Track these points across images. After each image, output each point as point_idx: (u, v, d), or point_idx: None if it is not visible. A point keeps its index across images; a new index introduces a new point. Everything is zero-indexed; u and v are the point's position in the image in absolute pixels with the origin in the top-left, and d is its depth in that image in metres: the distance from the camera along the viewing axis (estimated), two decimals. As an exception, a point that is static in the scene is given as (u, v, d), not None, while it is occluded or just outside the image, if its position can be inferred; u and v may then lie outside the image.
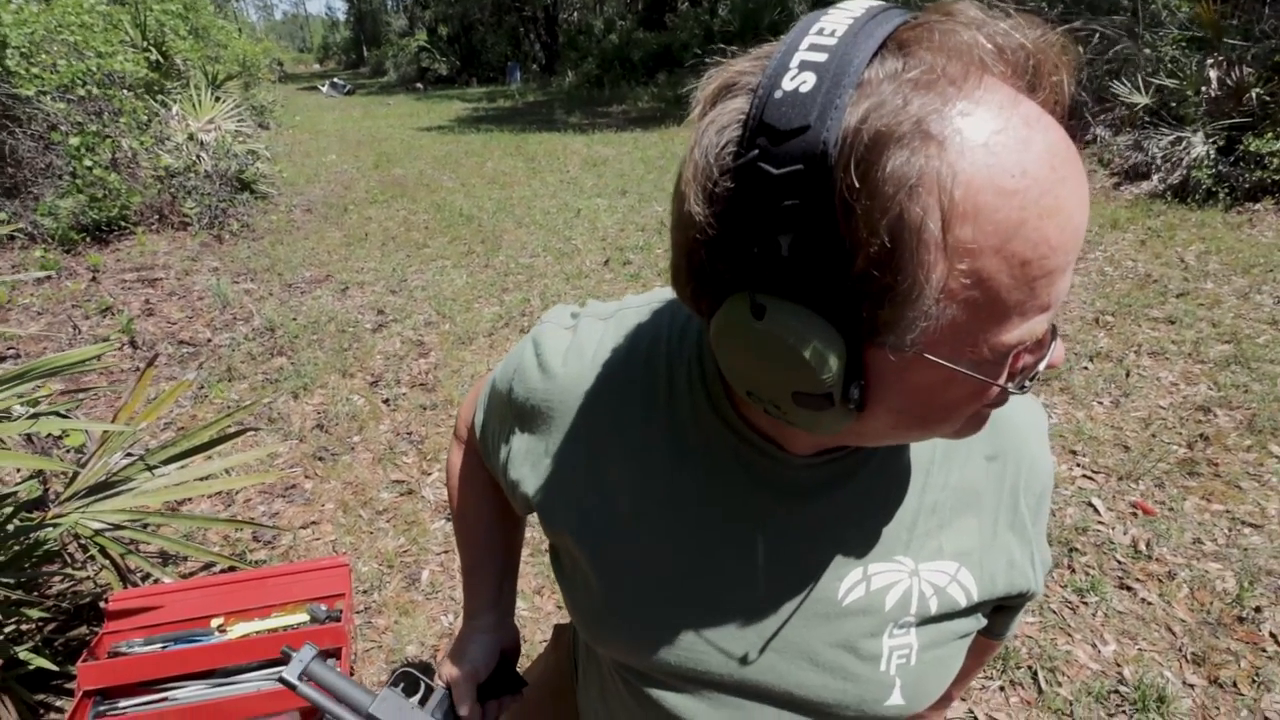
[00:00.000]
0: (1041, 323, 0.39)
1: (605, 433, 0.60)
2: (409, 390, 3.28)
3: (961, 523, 0.58)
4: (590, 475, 0.60)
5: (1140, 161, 5.51)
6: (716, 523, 0.58)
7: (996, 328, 0.38)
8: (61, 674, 1.74)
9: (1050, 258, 0.37)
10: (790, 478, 0.56)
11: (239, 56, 10.29)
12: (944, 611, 0.58)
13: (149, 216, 5.21)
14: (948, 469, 0.58)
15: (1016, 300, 0.37)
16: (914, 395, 0.43)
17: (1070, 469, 2.57)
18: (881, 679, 0.58)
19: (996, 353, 0.40)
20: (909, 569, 0.57)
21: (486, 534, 0.83)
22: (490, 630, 0.82)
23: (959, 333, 0.38)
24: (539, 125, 10.95)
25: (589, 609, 0.63)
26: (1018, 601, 0.65)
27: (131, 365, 3.46)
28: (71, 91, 5.06)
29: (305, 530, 2.41)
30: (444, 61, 21.80)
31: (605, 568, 0.61)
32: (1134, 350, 3.33)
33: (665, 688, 0.62)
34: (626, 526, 0.60)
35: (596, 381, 0.60)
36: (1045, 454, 0.62)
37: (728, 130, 0.38)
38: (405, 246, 5.30)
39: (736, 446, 0.56)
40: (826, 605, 0.57)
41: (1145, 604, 2.02)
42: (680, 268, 0.44)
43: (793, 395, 0.42)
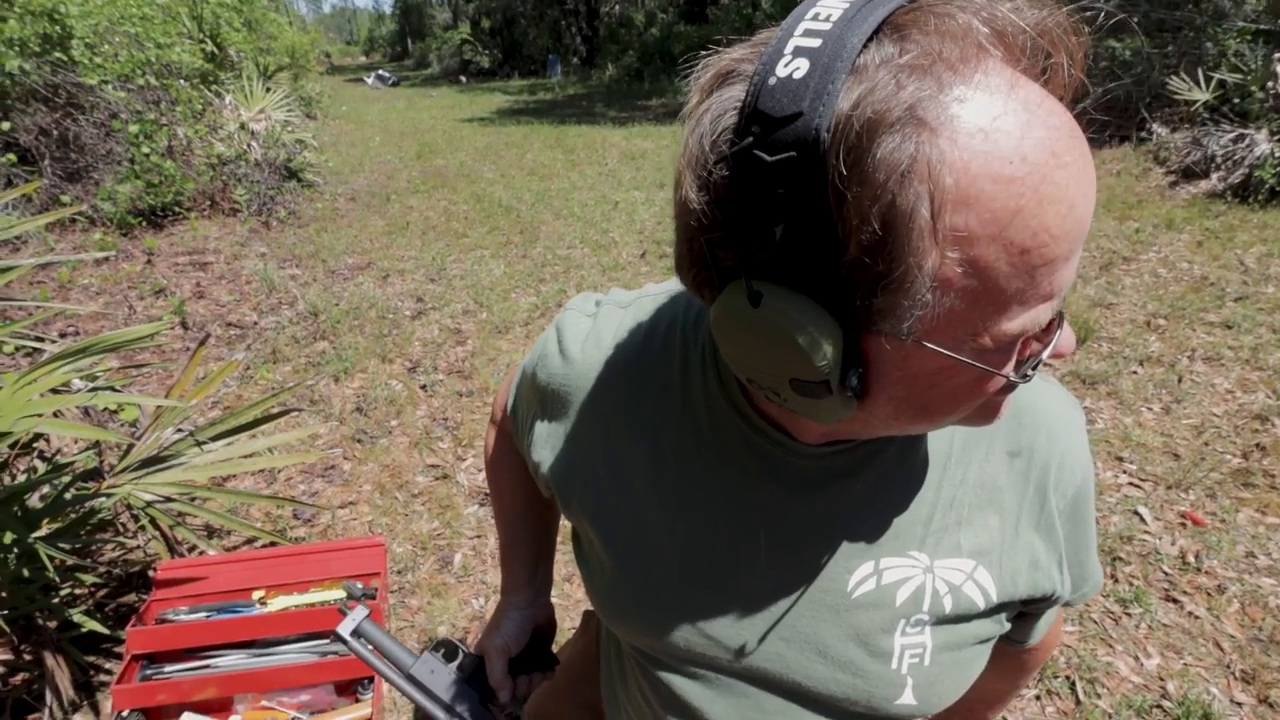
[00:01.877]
0: (1045, 311, 0.39)
1: (621, 418, 0.61)
2: (446, 377, 3.33)
3: (981, 520, 0.57)
4: (606, 460, 0.62)
5: (1199, 160, 5.30)
6: (726, 509, 0.58)
7: (997, 316, 0.38)
8: (111, 638, 1.82)
9: (1050, 246, 0.36)
10: (800, 467, 0.56)
11: (289, 48, 10.54)
12: (960, 612, 0.57)
13: (201, 202, 5.38)
14: (966, 464, 0.57)
15: (1017, 289, 0.37)
16: (914, 383, 0.42)
17: (1116, 476, 2.50)
18: (892, 677, 0.57)
19: (999, 342, 0.39)
20: (923, 565, 0.56)
21: (521, 514, 0.85)
22: (524, 607, 0.83)
23: (958, 321, 0.38)
24: (578, 118, 10.98)
25: (604, 591, 0.64)
26: (1041, 607, 0.62)
27: (182, 345, 3.58)
28: (131, 81, 5.24)
29: (343, 510, 2.46)
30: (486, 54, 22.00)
31: (618, 550, 0.62)
32: (1187, 355, 3.21)
33: (676, 672, 0.63)
34: (639, 510, 0.60)
35: (613, 368, 0.61)
36: (1079, 451, 0.59)
37: (724, 118, 0.38)
38: (445, 236, 5.37)
39: (746, 434, 0.56)
40: (835, 597, 0.57)
41: (1192, 617, 1.95)
42: (682, 255, 0.44)
43: (790, 382, 0.42)
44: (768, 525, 0.57)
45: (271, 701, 1.60)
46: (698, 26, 17.01)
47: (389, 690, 1.80)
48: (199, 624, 1.60)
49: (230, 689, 1.56)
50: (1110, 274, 4.10)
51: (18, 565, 1.54)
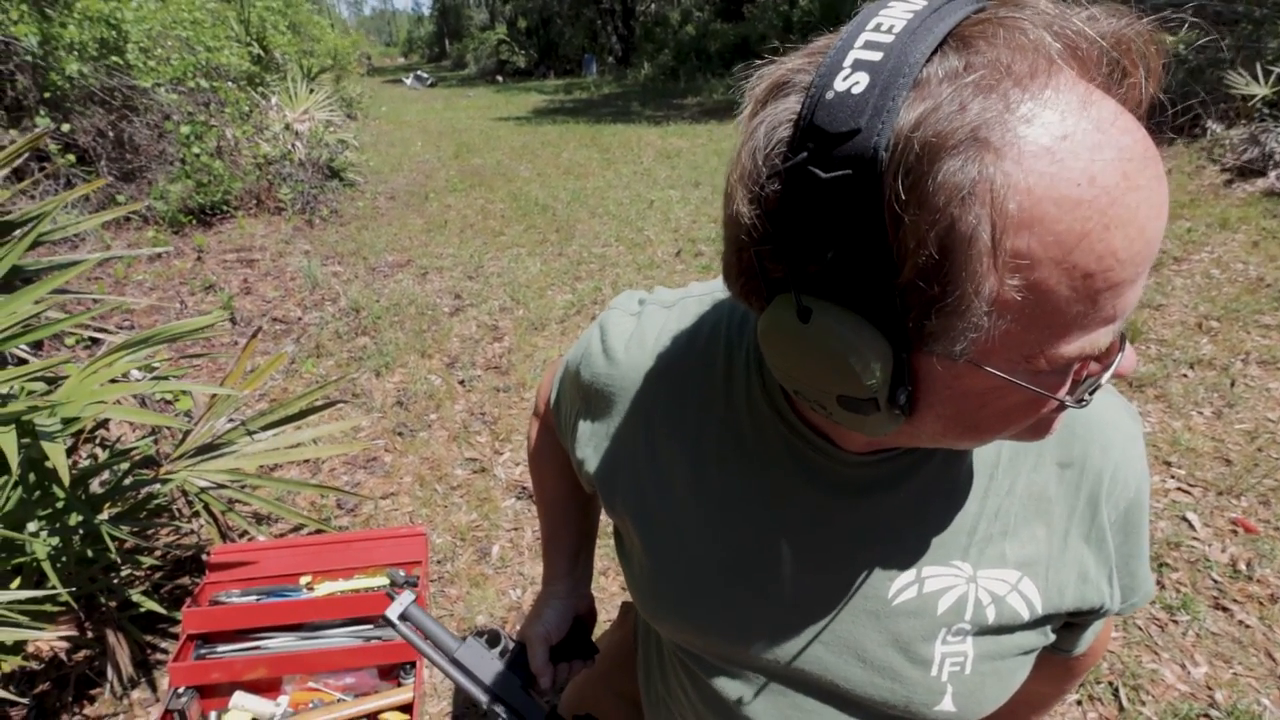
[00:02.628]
0: (1105, 335, 0.37)
1: (663, 419, 0.61)
2: (483, 372, 3.39)
3: (1028, 531, 0.56)
4: (648, 460, 0.62)
5: (1256, 157, 5.10)
6: (767, 513, 0.58)
7: (1055, 340, 0.37)
8: (167, 618, 1.89)
9: (1115, 270, 0.34)
10: (843, 475, 0.55)
11: (331, 50, 10.77)
12: (1004, 623, 0.56)
13: (248, 201, 5.53)
14: (1014, 474, 0.56)
15: (1077, 313, 0.36)
16: (965, 403, 0.41)
17: (1164, 480, 2.43)
18: (931, 684, 0.57)
19: (1055, 365, 0.38)
20: (966, 575, 0.55)
21: (563, 507, 0.86)
22: (564, 597, 0.85)
23: (1013, 344, 0.37)
24: (614, 117, 11.02)
25: (645, 589, 0.65)
26: (1089, 619, 0.61)
27: (230, 339, 3.69)
28: (183, 83, 5.42)
29: (385, 501, 2.52)
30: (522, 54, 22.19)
31: (659, 550, 0.62)
32: (1241, 358, 3.10)
33: (716, 671, 0.63)
34: (680, 511, 0.60)
35: (657, 369, 0.61)
36: (1135, 464, 0.57)
37: (778, 131, 0.37)
38: (482, 234, 5.44)
39: (789, 439, 0.56)
40: (876, 604, 0.56)
41: (1243, 626, 1.89)
42: (731, 264, 0.44)
43: (838, 398, 0.42)
44: (809, 530, 0.57)
45: (318, 683, 1.65)
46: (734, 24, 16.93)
47: (430, 675, 1.84)
48: (250, 606, 1.66)
49: (279, 670, 1.61)
50: (1160, 274, 3.99)
51: (82, 546, 1.62)
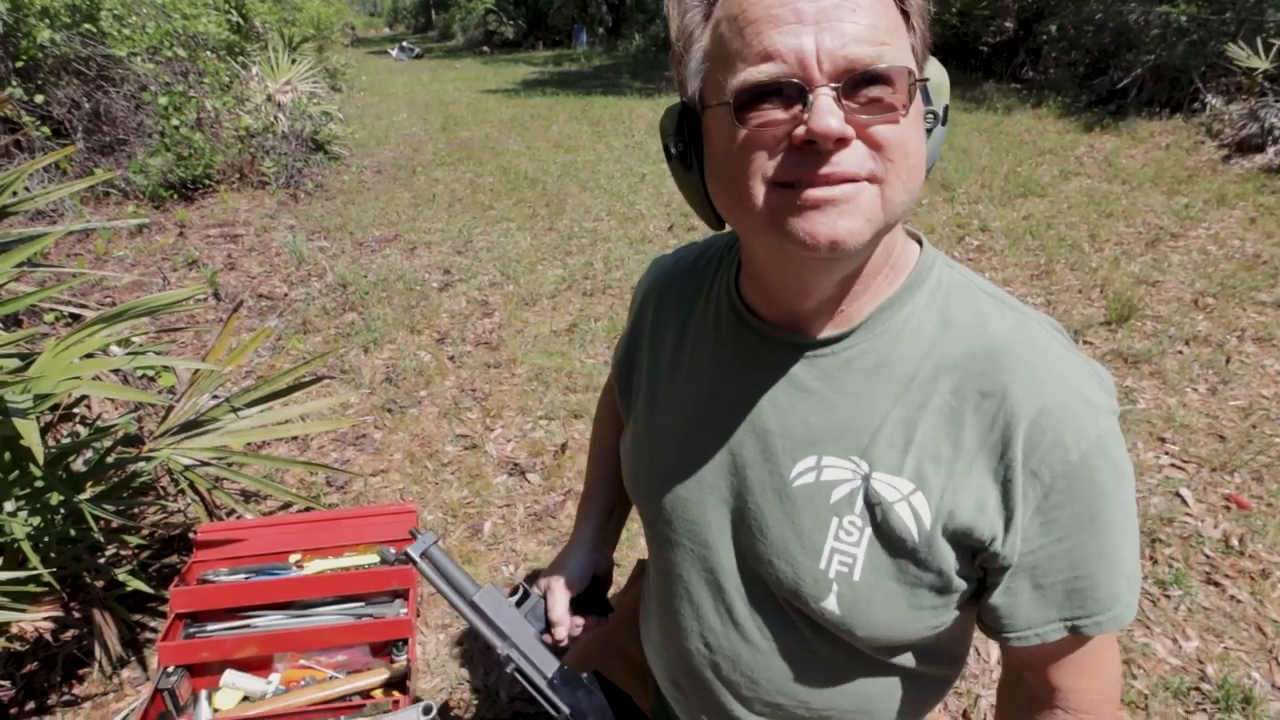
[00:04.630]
0: (767, 68, 0.48)
1: (668, 312, 0.74)
2: (473, 348, 3.34)
3: (931, 450, 0.56)
4: (650, 348, 0.75)
5: (1255, 133, 5.08)
6: (714, 387, 0.67)
7: (728, 72, 0.50)
8: (155, 597, 1.86)
9: (750, 9, 0.48)
10: (770, 356, 0.63)
11: (313, 19, 10.51)
12: (893, 531, 0.57)
13: (230, 175, 5.41)
14: (930, 391, 0.57)
15: (736, 49, 0.49)
16: (714, 151, 0.54)
17: (1157, 457, 2.44)
18: (819, 576, 0.60)
19: (734, 94, 0.49)
20: (862, 472, 0.58)
21: (610, 457, 0.91)
22: (589, 548, 0.88)
23: (712, 83, 0.53)
24: (604, 89, 10.84)
25: (628, 461, 0.76)
26: (991, 569, 0.57)
27: (215, 316, 3.63)
28: (159, 53, 5.25)
29: (375, 478, 2.49)
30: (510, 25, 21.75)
31: (641, 423, 0.74)
32: (1236, 335, 3.11)
33: (666, 544, 0.71)
34: (663, 388, 0.72)
35: (672, 275, 0.77)
36: (1082, 426, 0.53)
37: None
38: (471, 208, 5.36)
39: (736, 324, 0.66)
40: (779, 482, 0.62)
41: (1234, 601, 1.91)
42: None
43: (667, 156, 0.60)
44: (739, 406, 0.65)
45: (309, 661, 1.63)
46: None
47: (422, 652, 1.83)
48: (239, 585, 1.63)
49: (270, 648, 1.59)
50: (1156, 250, 3.98)
51: (64, 526, 1.58)
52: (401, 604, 1.72)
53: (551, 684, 0.77)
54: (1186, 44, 5.95)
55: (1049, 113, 6.51)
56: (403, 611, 1.68)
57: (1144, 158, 5.42)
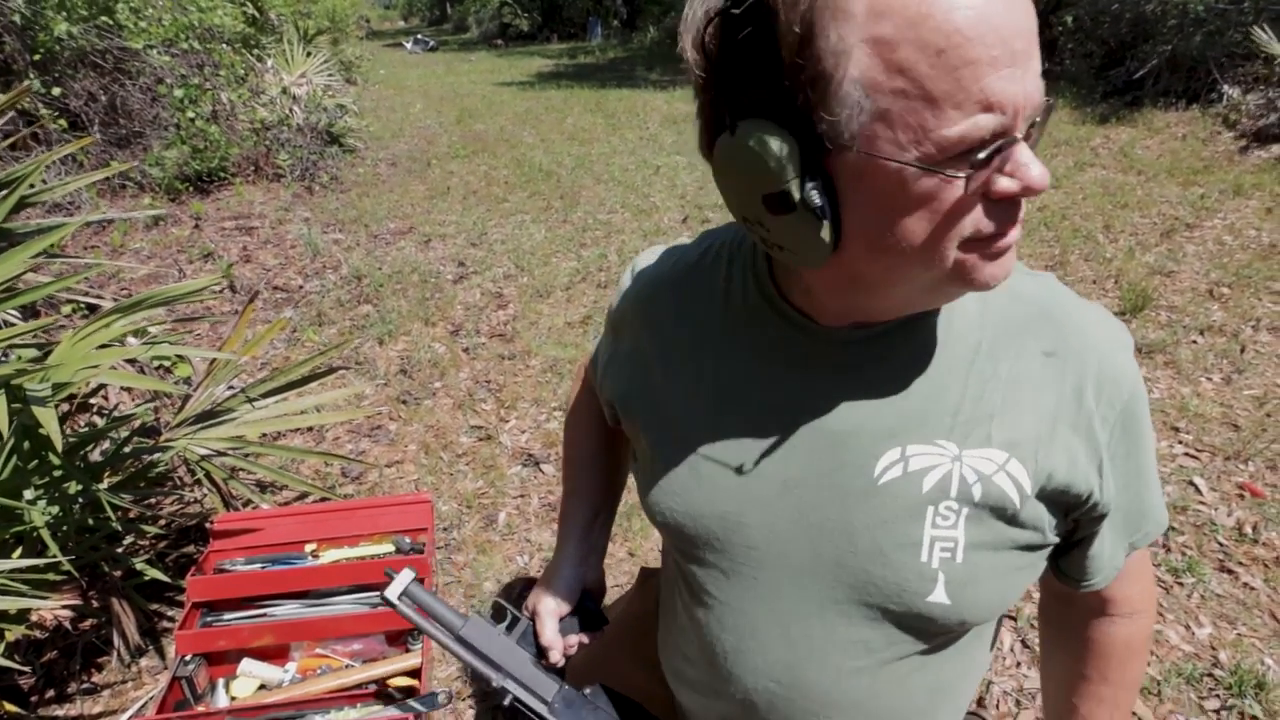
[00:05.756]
0: (987, 120, 0.41)
1: (673, 323, 0.67)
2: (488, 340, 3.36)
3: (1014, 416, 0.56)
4: (659, 362, 0.67)
5: (1272, 122, 5.00)
6: (760, 397, 0.61)
7: (934, 119, 0.41)
8: (173, 586, 1.89)
9: (966, 47, 0.39)
10: (825, 351, 0.59)
11: (328, 12, 10.53)
12: (991, 503, 0.56)
13: (245, 168, 5.44)
14: (996, 359, 0.57)
15: (944, 90, 0.40)
16: (876, 204, 0.45)
17: (1171, 446, 2.42)
18: (922, 570, 0.57)
19: (943, 149, 0.42)
20: (951, 454, 0.56)
21: (589, 465, 0.88)
22: (575, 563, 0.83)
23: (895, 126, 0.42)
24: (619, 82, 10.81)
25: (650, 486, 0.67)
26: (1086, 523, 0.60)
27: (231, 308, 3.66)
28: (175, 45, 5.28)
29: (390, 469, 2.52)
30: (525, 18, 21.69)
31: (664, 445, 0.66)
32: (1251, 325, 3.07)
33: (714, 568, 0.65)
34: (684, 405, 0.65)
35: (672, 278, 0.69)
36: (1125, 366, 0.58)
37: None
38: (485, 201, 5.36)
39: (776, 321, 0.60)
40: (864, 482, 0.58)
41: (1248, 589, 1.90)
42: (701, 132, 0.51)
43: (764, 200, 0.47)
44: (796, 413, 0.60)
45: (325, 650, 1.66)
46: (738, -15, 16.42)
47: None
48: (255, 574, 1.66)
49: (286, 637, 1.61)
50: (1171, 240, 3.93)
51: (83, 514, 1.61)
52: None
53: (553, 709, 0.73)
54: (1204, 34, 5.85)
55: (1065, 104, 6.42)
56: (416, 600, 1.70)
57: (1160, 148, 5.34)
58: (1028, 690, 1.68)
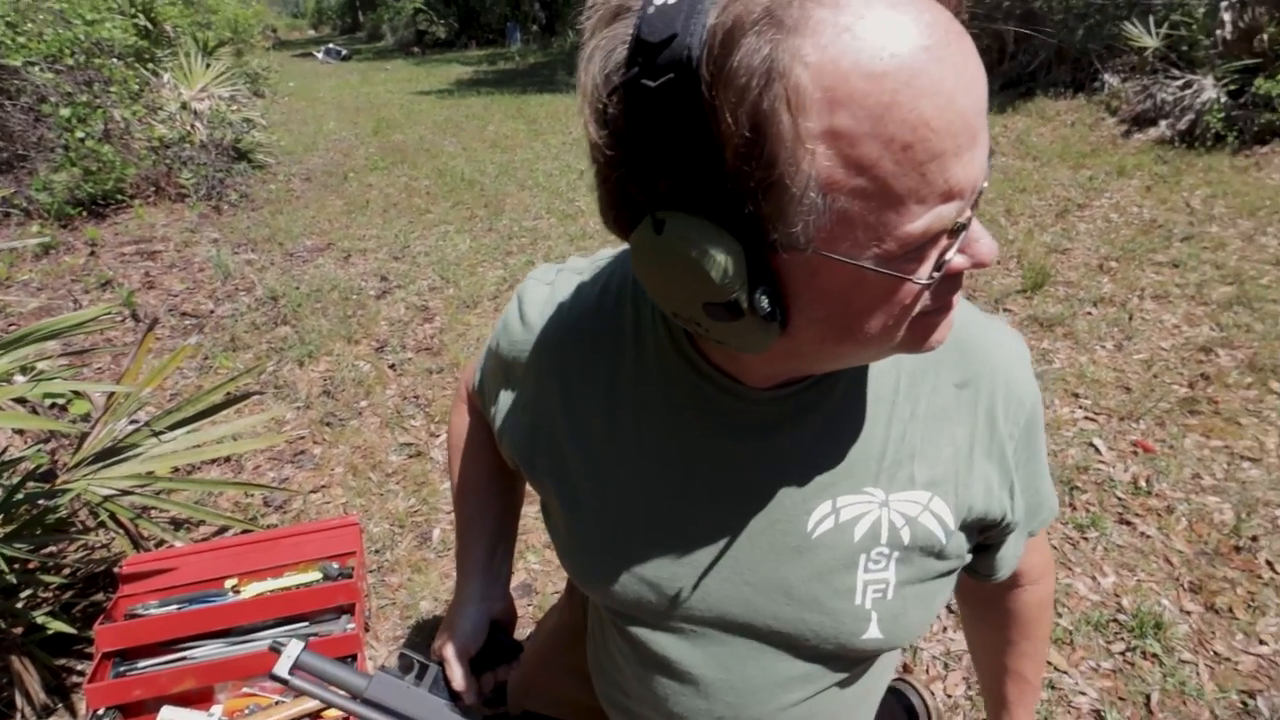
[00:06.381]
0: (949, 210, 0.38)
1: (578, 376, 0.61)
2: (415, 355, 3.29)
3: (934, 452, 0.58)
4: (565, 419, 0.62)
5: (1149, 108, 5.40)
6: (683, 460, 0.58)
7: (896, 217, 0.37)
8: (82, 638, 1.78)
9: (933, 140, 0.35)
10: (751, 413, 0.56)
11: (230, 22, 10.08)
12: (920, 543, 0.58)
13: (145, 189, 5.16)
14: (915, 399, 0.58)
15: (909, 187, 0.36)
16: (830, 301, 0.42)
17: (1072, 411, 2.58)
18: (857, 612, 0.58)
19: (905, 246, 0.38)
20: (879, 500, 0.57)
21: (483, 495, 0.82)
22: (479, 600, 0.79)
23: (855, 226, 0.37)
24: (540, 87, 10.74)
25: (569, 551, 0.65)
26: (996, 535, 0.64)
27: (134, 339, 3.47)
28: (59, 61, 4.97)
29: (315, 494, 2.44)
30: (441, 24, 21.30)
31: (581, 512, 0.62)
32: (1138, 294, 3.31)
33: (650, 626, 0.64)
34: (598, 468, 0.61)
35: (570, 328, 0.62)
36: (1025, 381, 0.60)
37: (614, 54, 0.38)
38: (407, 213, 5.25)
39: (696, 382, 0.57)
40: (798, 539, 0.58)
41: (1144, 537, 2.05)
42: (602, 199, 0.44)
43: (704, 307, 0.42)
44: (724, 474, 0.58)
45: (253, 688, 1.60)
46: (653, -13, 16.56)
47: (373, 667, 1.80)
48: (170, 616, 1.58)
49: (209, 678, 1.54)
50: (1065, 221, 4.18)
51: (-26, 569, 1.50)
52: (349, 619, 1.69)
53: None
54: (1085, 27, 6.26)
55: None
56: (350, 627, 1.66)
57: (1052, 135, 5.69)
58: (954, 653, 1.76)
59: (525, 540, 2.15)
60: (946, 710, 1.63)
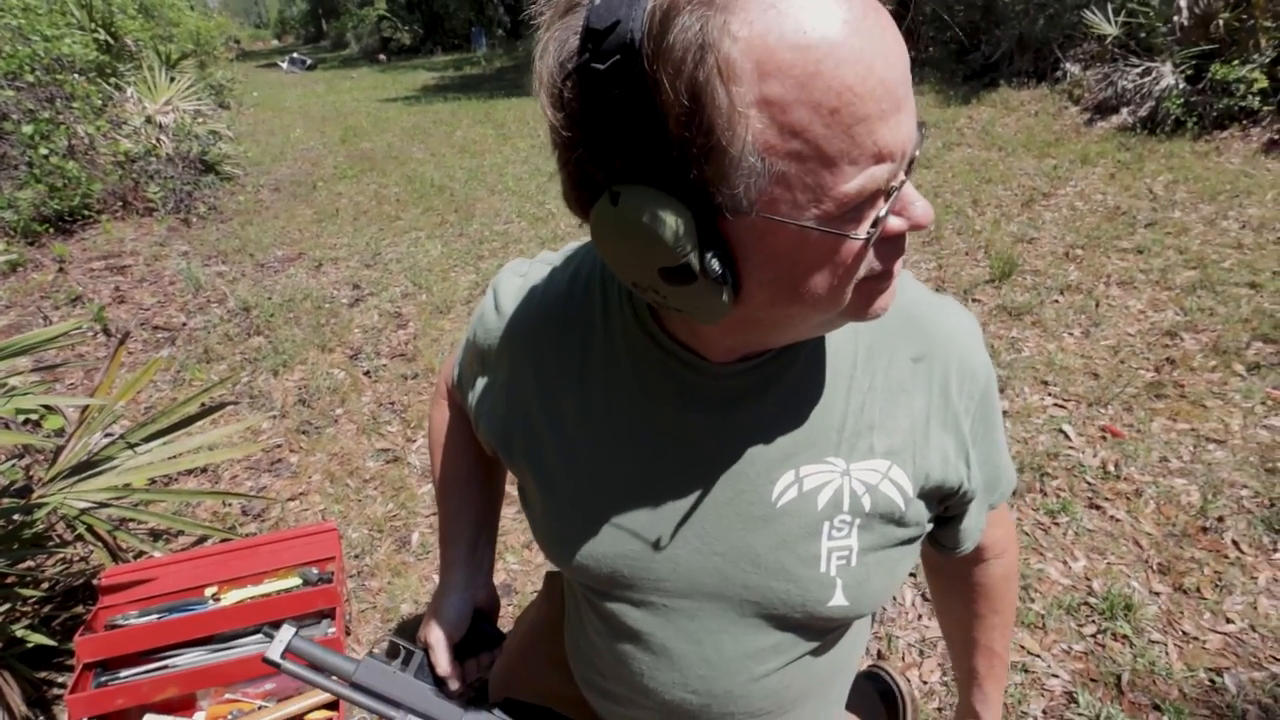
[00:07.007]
0: (881, 171, 0.41)
1: (552, 361, 0.64)
2: (389, 361, 3.29)
3: (892, 423, 0.60)
4: (540, 403, 0.65)
5: (1110, 96, 5.49)
6: (651, 436, 0.61)
7: (831, 178, 0.40)
8: (63, 650, 1.77)
9: (858, 104, 0.38)
10: (713, 386, 0.59)
11: (192, 34, 9.98)
12: (880, 510, 0.60)
13: (112, 204, 5.10)
14: (872, 372, 0.60)
15: (840, 149, 0.39)
16: (776, 263, 0.45)
17: (1041, 399, 2.63)
18: (822, 579, 0.61)
19: (841, 205, 0.42)
20: (840, 469, 0.60)
21: (464, 487, 0.84)
22: (462, 589, 0.81)
23: (793, 187, 0.41)
24: (507, 91, 10.74)
25: (546, 532, 0.67)
26: (957, 505, 0.67)
27: (105, 354, 3.43)
28: (19, 78, 4.90)
29: (293, 502, 2.43)
30: (406, 31, 21.19)
31: (555, 491, 0.65)
32: (1103, 281, 3.37)
33: (623, 601, 0.65)
34: (572, 448, 0.63)
35: (543, 315, 0.65)
36: (979, 356, 0.63)
37: (567, 43, 0.41)
38: (378, 220, 5.23)
39: (661, 359, 0.59)
40: (763, 508, 0.60)
41: (1114, 521, 2.08)
42: (565, 184, 0.47)
43: (660, 273, 0.45)
44: (691, 447, 0.60)
45: (236, 694, 1.60)
46: (621, -10, 16.60)
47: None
48: (150, 626, 1.57)
49: (191, 685, 1.54)
50: (1031, 210, 4.26)
51: (-51, 586, 1.49)
52: (329, 624, 1.69)
53: None
54: (1046, 16, 6.37)
55: (929, 89, 6.85)
56: (330, 631, 1.66)
57: (1016, 125, 5.79)
58: (929, 640, 1.79)
59: (504, 541, 2.16)
60: (922, 696, 1.65)
